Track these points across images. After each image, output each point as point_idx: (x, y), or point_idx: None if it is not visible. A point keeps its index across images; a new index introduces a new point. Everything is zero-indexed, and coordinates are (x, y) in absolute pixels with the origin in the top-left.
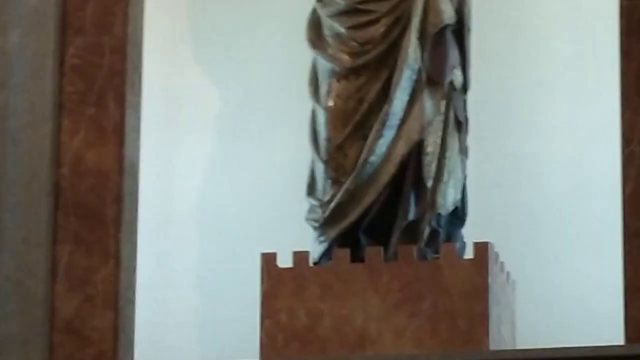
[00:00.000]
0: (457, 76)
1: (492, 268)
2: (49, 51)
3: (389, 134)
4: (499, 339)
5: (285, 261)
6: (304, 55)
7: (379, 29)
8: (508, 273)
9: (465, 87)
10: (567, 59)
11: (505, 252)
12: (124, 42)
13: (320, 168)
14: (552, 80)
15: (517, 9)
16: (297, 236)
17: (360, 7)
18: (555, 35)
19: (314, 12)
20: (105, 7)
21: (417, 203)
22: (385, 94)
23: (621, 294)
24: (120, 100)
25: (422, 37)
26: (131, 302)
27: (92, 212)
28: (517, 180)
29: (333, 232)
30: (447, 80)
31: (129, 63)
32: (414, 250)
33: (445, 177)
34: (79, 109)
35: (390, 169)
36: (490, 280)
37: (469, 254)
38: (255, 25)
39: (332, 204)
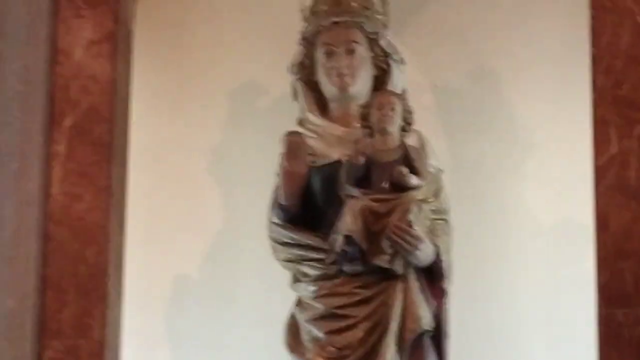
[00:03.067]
0: None
1: None
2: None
3: None
4: None
5: None
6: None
7: (357, 334)
8: None
9: None
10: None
11: None
12: (102, 346)
13: None
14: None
15: (493, 317)
16: None
17: (339, 312)
18: (534, 343)
19: (292, 317)
20: (83, 309)
21: None
22: None
23: None
24: None
25: (400, 342)
26: None
27: None
28: None
29: None
30: None
31: None
32: None
33: None
34: None
35: None
36: None
37: None
38: (232, 327)
39: None
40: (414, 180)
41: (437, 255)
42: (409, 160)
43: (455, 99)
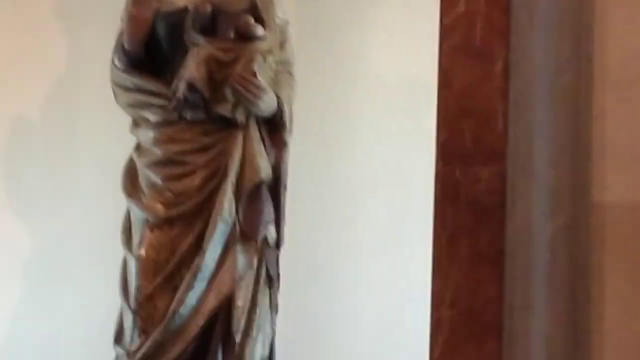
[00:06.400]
0: (271, 232)
1: None
2: None
3: (200, 286)
4: None
5: None
6: (118, 204)
7: (195, 180)
8: None
9: (278, 244)
10: (381, 221)
11: None
12: None
13: (128, 317)
14: (366, 242)
15: (333, 167)
16: None
17: (177, 158)
18: (371, 196)
19: (131, 161)
20: None
21: (224, 357)
22: (198, 246)
23: None
24: None
25: (237, 191)
26: None
27: None
28: (324, 341)
29: None
30: (261, 236)
31: None
32: None
33: (254, 332)
34: None
35: (200, 321)
36: None
37: None
38: (70, 170)
39: (139, 354)
40: (259, 30)
41: (279, 106)
42: (255, 10)
43: None
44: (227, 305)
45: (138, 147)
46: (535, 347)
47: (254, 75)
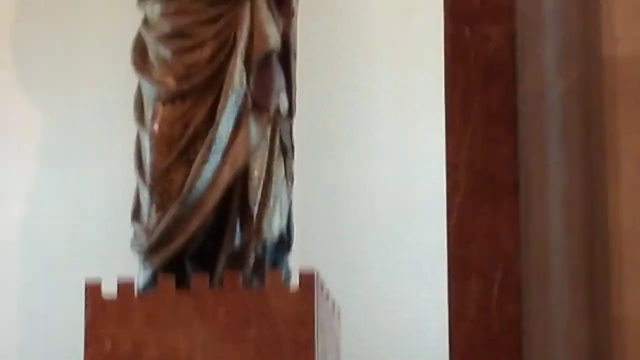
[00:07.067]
0: (282, 101)
1: (318, 296)
2: None
3: (214, 158)
4: None
5: (112, 288)
6: (130, 79)
7: (205, 53)
8: (334, 301)
9: (291, 113)
10: (392, 84)
11: (331, 279)
12: None
13: (145, 193)
14: (377, 106)
15: (341, 35)
16: (124, 263)
17: (186, 31)
18: (381, 60)
19: (139, 36)
20: None
21: (243, 229)
22: (211, 119)
23: (446, 322)
24: None
25: (247, 61)
26: None
27: None
28: (342, 208)
29: (158, 259)
30: (273, 105)
31: None
32: (240, 277)
33: (271, 202)
34: None
35: (216, 195)
36: (315, 308)
37: (294, 281)
38: (81, 48)
39: (157, 230)
40: None
41: None
42: None
43: None
44: (242, 177)
45: (146, 22)
46: (552, 204)
47: None
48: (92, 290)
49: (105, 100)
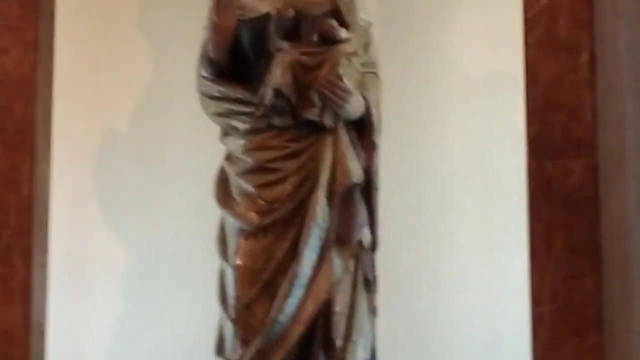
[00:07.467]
0: (365, 235)
1: None
2: None
3: (297, 293)
4: None
5: None
6: (212, 214)
7: (287, 187)
8: None
9: (373, 246)
10: (476, 218)
11: None
12: (31, 201)
13: (229, 327)
14: (462, 240)
15: (424, 167)
16: None
17: (269, 165)
18: (464, 194)
19: (222, 171)
20: (11, 164)
21: None
22: (293, 253)
23: None
24: (27, 259)
25: (330, 195)
26: None
27: None
28: (426, 341)
29: None
30: (356, 239)
31: (36, 221)
32: None
33: (354, 336)
34: None
35: (300, 329)
36: None
37: None
38: (163, 182)
39: None
40: (343, 33)
41: (367, 108)
42: (338, 13)
43: None
44: (325, 311)
45: (229, 156)
46: (636, 338)
47: (340, 78)
48: None
49: (187, 234)
